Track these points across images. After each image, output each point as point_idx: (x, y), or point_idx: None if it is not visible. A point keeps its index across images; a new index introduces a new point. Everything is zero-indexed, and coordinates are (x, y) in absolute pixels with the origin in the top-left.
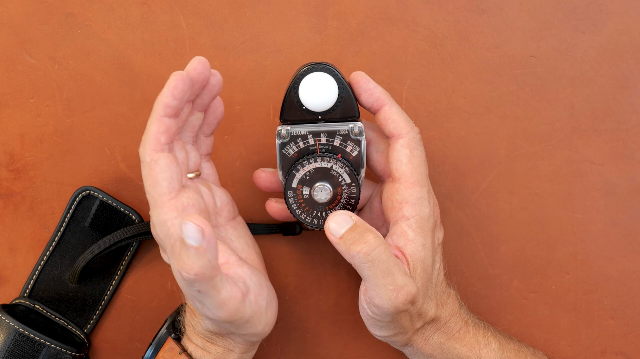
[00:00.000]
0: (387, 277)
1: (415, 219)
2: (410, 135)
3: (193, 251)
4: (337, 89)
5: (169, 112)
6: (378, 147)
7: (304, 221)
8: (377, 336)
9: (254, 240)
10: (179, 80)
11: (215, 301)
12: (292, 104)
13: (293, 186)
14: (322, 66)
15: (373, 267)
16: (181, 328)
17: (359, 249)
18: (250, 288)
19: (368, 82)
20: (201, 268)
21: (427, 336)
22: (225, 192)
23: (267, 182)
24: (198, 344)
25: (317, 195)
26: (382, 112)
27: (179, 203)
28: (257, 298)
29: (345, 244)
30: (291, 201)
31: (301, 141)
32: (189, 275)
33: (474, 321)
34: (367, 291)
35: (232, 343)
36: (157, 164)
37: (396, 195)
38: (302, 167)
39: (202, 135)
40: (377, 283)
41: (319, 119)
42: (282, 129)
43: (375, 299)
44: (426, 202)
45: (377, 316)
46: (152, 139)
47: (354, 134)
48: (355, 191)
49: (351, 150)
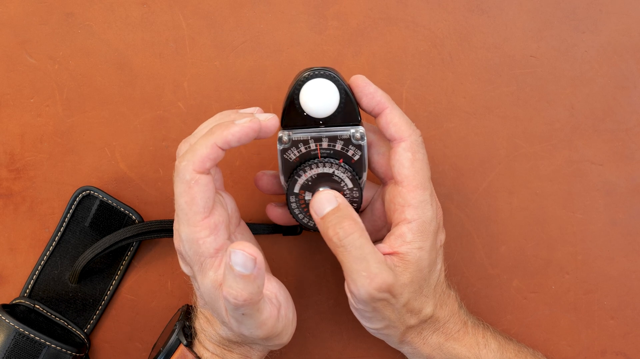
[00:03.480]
0: (360, 263)
1: (417, 222)
2: (412, 138)
3: (242, 278)
4: (338, 95)
5: (225, 147)
6: (379, 149)
7: (306, 225)
8: (368, 328)
9: (257, 243)
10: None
11: (257, 322)
12: (293, 110)
13: (295, 191)
14: (322, 72)
15: (346, 253)
16: (192, 334)
17: (334, 233)
18: (282, 303)
19: (369, 86)
20: (250, 295)
21: (426, 336)
22: (231, 198)
23: (269, 185)
24: (213, 351)
25: None
26: (383, 115)
27: (212, 222)
28: (287, 312)
29: (324, 226)
30: (293, 206)
31: (302, 146)
32: (238, 301)
33: (473, 321)
34: (346, 280)
35: (251, 350)
36: (197, 184)
37: (398, 198)
38: (304, 172)
39: None
40: (350, 268)
41: (320, 124)
42: (283, 135)
43: (350, 285)
44: (429, 205)
45: (357, 305)
46: (199, 161)
47: (355, 139)
48: (357, 195)
49: (353, 154)
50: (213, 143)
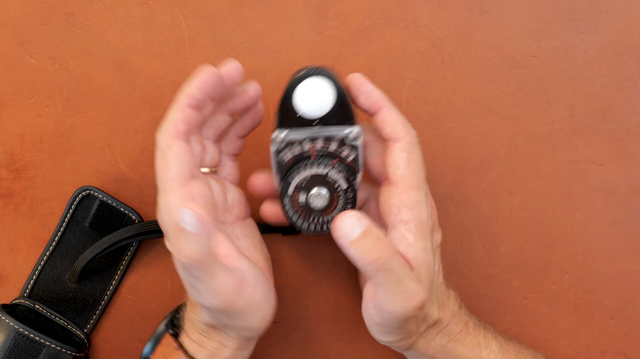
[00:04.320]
0: (400, 285)
1: (413, 223)
2: (408, 138)
3: (190, 236)
4: (333, 94)
5: (192, 104)
6: (375, 150)
7: (300, 227)
8: (382, 341)
9: (263, 243)
10: (210, 76)
11: (209, 288)
12: (287, 110)
13: (289, 193)
14: (318, 71)
15: (387, 276)
16: (180, 324)
17: (375, 258)
18: (247, 281)
19: (365, 84)
20: (197, 254)
21: (429, 339)
22: (239, 192)
23: (262, 189)
24: (195, 339)
25: (313, 202)
26: (379, 115)
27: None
28: (253, 291)
29: (358, 251)
30: (287, 208)
31: (297, 146)
32: (185, 260)
33: (474, 322)
34: (377, 298)
35: (228, 338)
36: (170, 149)
37: (394, 199)
38: (297, 174)
39: (235, 135)
40: (390, 291)
41: (315, 124)
42: (277, 135)
43: (387, 306)
44: (424, 205)
45: (385, 322)
46: (171, 126)
47: (350, 139)
48: (351, 196)
49: (347, 155)
50: (179, 104)
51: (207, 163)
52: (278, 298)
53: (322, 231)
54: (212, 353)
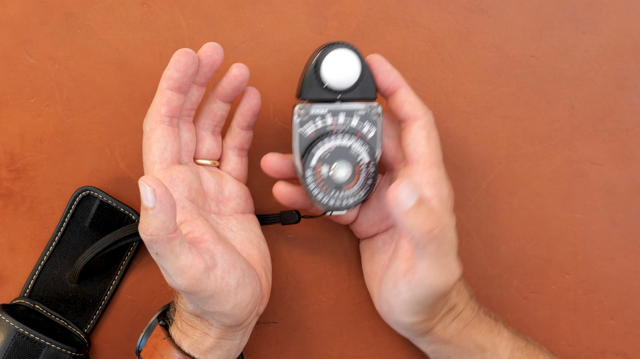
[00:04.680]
0: (445, 259)
1: (437, 198)
2: (427, 117)
3: (149, 212)
4: (359, 66)
5: (171, 85)
6: (389, 133)
7: (319, 202)
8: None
9: (262, 240)
10: (182, 54)
11: (175, 267)
12: (312, 81)
13: (312, 164)
14: (344, 44)
15: (438, 248)
16: (170, 316)
17: (430, 227)
18: (218, 264)
19: (385, 64)
20: (155, 229)
21: (447, 323)
22: (240, 186)
23: (277, 166)
24: (180, 328)
25: (336, 173)
26: (398, 94)
27: (168, 174)
28: (225, 275)
29: (415, 220)
30: (309, 180)
31: (320, 120)
32: (144, 235)
33: (484, 311)
34: (416, 272)
35: (209, 326)
36: (153, 132)
37: (415, 177)
38: (322, 145)
39: (237, 127)
40: (435, 263)
41: (337, 98)
42: (300, 108)
43: (428, 279)
44: (445, 182)
45: (418, 298)
46: (153, 110)
47: (372, 115)
48: (373, 171)
49: (368, 131)
50: (160, 88)
51: (204, 155)
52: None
53: (340, 208)
54: (196, 341)
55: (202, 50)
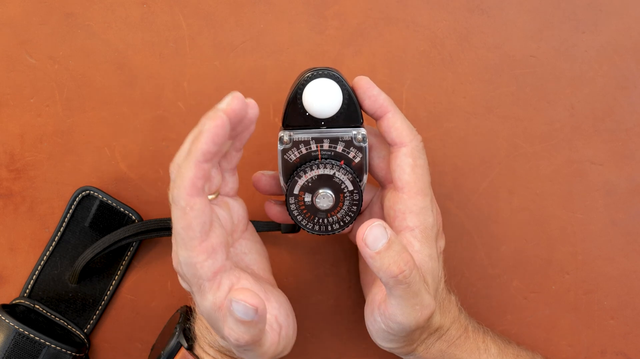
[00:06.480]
0: (417, 297)
1: (419, 229)
2: (413, 144)
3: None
4: (341, 95)
5: (208, 158)
6: (380, 153)
7: (304, 227)
8: (384, 347)
9: (262, 244)
10: (219, 127)
11: (258, 354)
12: (295, 109)
13: (295, 192)
14: (326, 72)
15: (406, 290)
16: (192, 337)
17: (400, 269)
18: (282, 324)
19: (372, 88)
20: (252, 337)
21: (429, 344)
22: (240, 204)
23: (267, 186)
24: (214, 356)
25: (319, 202)
26: (385, 119)
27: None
28: (287, 331)
29: (383, 262)
30: (292, 207)
31: (303, 146)
32: (239, 343)
33: (473, 326)
34: (388, 308)
35: None
36: (192, 209)
37: (399, 204)
38: (304, 173)
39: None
40: (405, 303)
41: (322, 125)
42: (284, 135)
43: (398, 317)
44: (430, 211)
45: (392, 331)
46: (189, 185)
47: (357, 141)
48: (357, 198)
49: (354, 156)
50: (195, 161)
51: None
52: None
53: (326, 232)
54: None
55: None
